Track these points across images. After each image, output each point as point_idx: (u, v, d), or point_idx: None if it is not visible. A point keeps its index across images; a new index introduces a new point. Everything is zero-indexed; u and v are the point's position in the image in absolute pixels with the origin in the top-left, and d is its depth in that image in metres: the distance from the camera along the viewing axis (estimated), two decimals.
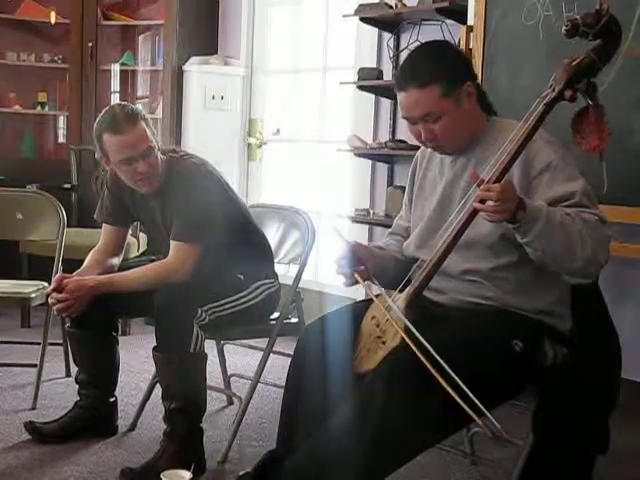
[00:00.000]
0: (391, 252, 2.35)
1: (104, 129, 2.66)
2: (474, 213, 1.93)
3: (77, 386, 2.94)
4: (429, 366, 1.78)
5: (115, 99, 5.41)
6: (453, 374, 1.76)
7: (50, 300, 2.73)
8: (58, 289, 2.69)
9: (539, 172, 2.03)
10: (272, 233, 3.11)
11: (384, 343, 2.01)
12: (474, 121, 2.16)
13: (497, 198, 1.84)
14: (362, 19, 4.24)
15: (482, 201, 1.87)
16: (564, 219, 1.91)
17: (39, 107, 5.56)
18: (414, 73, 2.10)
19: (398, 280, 2.17)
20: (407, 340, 1.86)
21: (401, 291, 2.10)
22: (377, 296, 2.13)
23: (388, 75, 4.21)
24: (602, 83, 2.85)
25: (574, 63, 1.94)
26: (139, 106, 2.71)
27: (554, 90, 1.95)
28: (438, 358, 1.80)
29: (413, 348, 1.83)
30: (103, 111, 2.75)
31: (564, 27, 1.94)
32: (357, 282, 2.16)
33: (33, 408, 3.20)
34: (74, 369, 3.01)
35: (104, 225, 2.96)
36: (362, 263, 2.18)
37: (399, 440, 1.88)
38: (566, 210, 1.95)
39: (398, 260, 2.33)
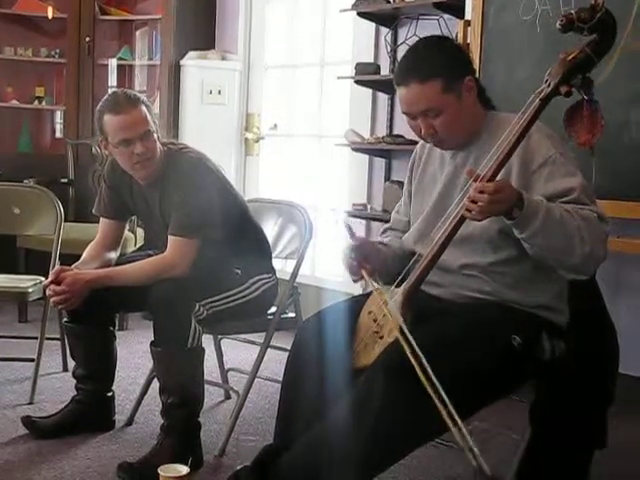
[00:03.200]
0: (394, 249, 2.35)
1: (106, 110, 2.69)
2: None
3: (74, 381, 2.94)
4: (417, 369, 1.76)
5: None
6: (437, 383, 1.73)
7: (47, 292, 2.73)
8: (56, 281, 2.68)
9: (539, 166, 2.02)
10: (269, 228, 3.10)
11: (381, 338, 2.01)
12: (474, 116, 2.16)
13: (489, 200, 1.83)
14: (359, 14, 4.23)
15: (474, 201, 1.86)
16: (563, 215, 1.90)
17: (36, 102, 5.54)
18: (415, 68, 2.09)
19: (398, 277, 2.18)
20: (401, 340, 1.85)
21: (398, 286, 2.09)
22: (376, 290, 2.13)
23: (385, 70, 4.20)
24: (599, 78, 2.87)
25: (569, 58, 1.93)
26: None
27: (550, 85, 1.94)
28: (426, 364, 1.78)
29: (406, 349, 1.82)
30: (106, 95, 2.79)
31: (558, 22, 1.92)
32: (363, 278, 2.16)
33: (30, 403, 3.20)
34: (71, 364, 3.01)
35: (102, 219, 2.95)
36: (368, 259, 2.19)
37: (396, 435, 1.88)
38: (565, 206, 1.94)
39: (401, 257, 2.31)
